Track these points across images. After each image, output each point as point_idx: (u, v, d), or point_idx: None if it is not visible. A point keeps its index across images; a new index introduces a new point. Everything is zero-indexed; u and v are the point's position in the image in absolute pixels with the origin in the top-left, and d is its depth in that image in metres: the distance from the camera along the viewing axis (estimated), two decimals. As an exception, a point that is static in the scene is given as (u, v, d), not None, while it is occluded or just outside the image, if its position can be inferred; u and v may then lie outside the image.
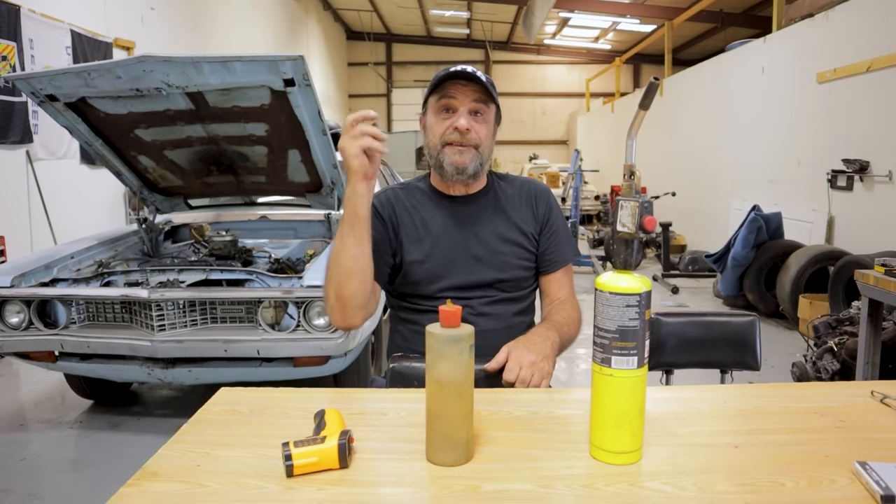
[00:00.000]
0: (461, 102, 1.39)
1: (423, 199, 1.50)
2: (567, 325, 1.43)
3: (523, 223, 1.50)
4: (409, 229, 1.47)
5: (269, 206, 3.98)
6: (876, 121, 4.80)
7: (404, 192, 1.52)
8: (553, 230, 1.52)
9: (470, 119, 1.39)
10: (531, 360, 1.23)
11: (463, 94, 1.39)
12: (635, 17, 12.79)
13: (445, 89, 1.40)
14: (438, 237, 1.46)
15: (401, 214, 1.48)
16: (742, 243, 5.00)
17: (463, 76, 1.38)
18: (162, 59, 2.44)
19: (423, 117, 1.48)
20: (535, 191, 1.55)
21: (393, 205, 1.49)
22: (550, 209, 1.54)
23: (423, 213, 1.48)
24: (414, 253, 1.45)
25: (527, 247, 1.49)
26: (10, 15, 4.65)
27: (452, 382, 0.89)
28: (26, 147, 4.88)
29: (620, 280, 0.89)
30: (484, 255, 1.45)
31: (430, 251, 1.45)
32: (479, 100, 1.40)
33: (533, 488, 0.83)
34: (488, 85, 1.40)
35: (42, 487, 2.49)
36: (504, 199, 1.52)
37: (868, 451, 0.90)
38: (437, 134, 1.41)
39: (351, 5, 16.53)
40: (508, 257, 1.47)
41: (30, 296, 2.67)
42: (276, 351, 2.59)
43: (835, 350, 3.20)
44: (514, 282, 1.48)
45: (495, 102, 1.44)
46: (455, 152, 1.40)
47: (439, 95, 1.40)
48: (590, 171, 10.13)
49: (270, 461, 0.89)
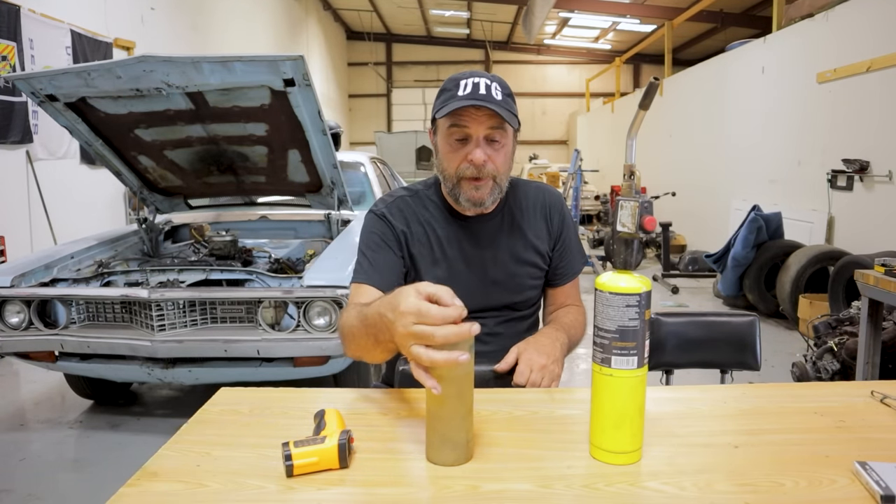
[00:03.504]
0: (475, 131, 1.26)
1: (436, 215, 1.41)
2: (574, 328, 1.42)
3: (538, 240, 1.44)
4: (424, 248, 1.39)
5: (269, 206, 3.98)
6: (876, 121, 4.80)
7: (415, 203, 1.43)
8: (565, 244, 1.48)
9: (486, 148, 1.27)
10: (542, 364, 1.22)
11: (476, 121, 1.25)
12: (635, 17, 12.79)
13: (457, 115, 1.26)
14: (455, 261, 1.39)
15: (415, 229, 1.40)
16: (742, 243, 5.00)
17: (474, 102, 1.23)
18: (162, 59, 2.44)
19: (432, 133, 1.38)
20: (549, 202, 1.47)
21: (407, 219, 1.40)
22: (563, 221, 1.48)
23: (438, 231, 1.40)
24: (429, 275, 1.37)
25: (540, 265, 1.45)
26: (10, 15, 4.65)
27: (452, 383, 0.89)
28: (26, 147, 4.89)
29: (620, 280, 0.89)
30: (501, 278, 1.40)
31: (447, 276, 1.37)
32: (494, 126, 1.26)
33: (533, 488, 0.83)
34: (503, 110, 1.24)
35: (42, 487, 2.49)
36: (519, 216, 1.44)
37: (868, 451, 0.90)
38: (451, 165, 1.31)
39: (351, 5, 16.53)
40: (523, 279, 1.43)
41: (30, 296, 2.67)
42: (276, 351, 2.59)
43: (835, 350, 3.20)
44: (527, 301, 1.46)
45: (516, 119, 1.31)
46: (472, 188, 1.30)
47: (450, 122, 1.27)
48: (590, 171, 10.13)
49: (270, 461, 0.89)
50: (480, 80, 1.26)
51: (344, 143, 9.92)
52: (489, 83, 1.26)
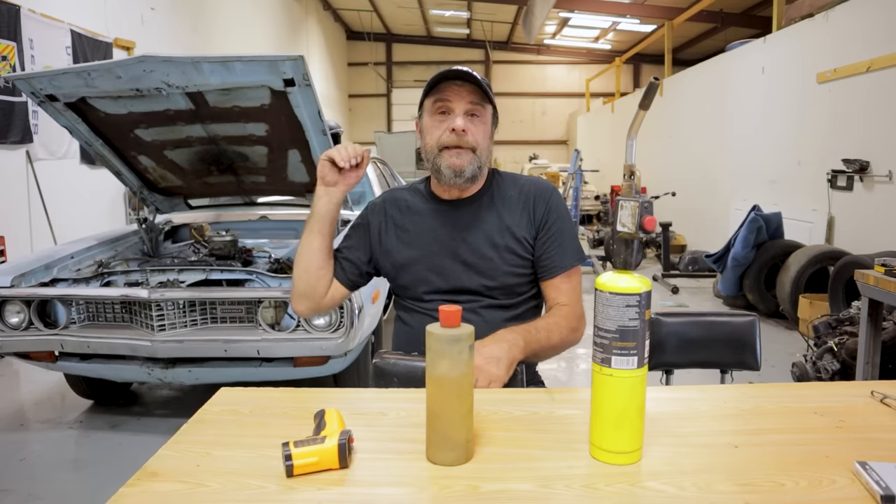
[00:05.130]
0: (457, 104, 1.38)
1: (418, 202, 1.51)
2: (546, 331, 1.34)
3: (516, 227, 1.44)
4: (401, 231, 1.49)
5: (269, 206, 3.98)
6: (876, 121, 4.80)
7: (406, 193, 1.54)
8: (551, 234, 1.44)
9: (466, 120, 1.38)
10: (475, 364, 1.20)
11: (458, 95, 1.38)
12: (635, 17, 12.79)
13: (440, 91, 1.38)
14: (428, 241, 1.46)
15: (393, 215, 1.51)
16: (742, 243, 5.00)
17: (458, 76, 1.37)
18: (162, 59, 2.44)
19: (418, 121, 1.48)
20: (535, 192, 1.47)
21: (386, 206, 1.53)
22: (550, 211, 1.45)
23: (417, 215, 1.49)
24: (403, 255, 1.47)
25: (519, 252, 1.43)
26: (10, 15, 4.65)
27: (452, 382, 0.89)
28: (26, 147, 4.89)
29: (620, 280, 0.89)
30: (472, 260, 1.42)
31: (419, 255, 1.45)
32: (474, 101, 1.39)
33: (533, 488, 0.83)
34: (484, 84, 1.38)
35: (42, 487, 2.49)
36: (499, 202, 1.47)
37: (868, 451, 0.90)
38: (433, 137, 1.40)
39: (351, 5, 16.53)
40: (497, 263, 1.42)
41: (30, 296, 2.67)
42: (276, 351, 2.59)
43: (835, 350, 3.20)
44: (504, 289, 1.43)
45: (492, 103, 1.43)
46: (452, 155, 1.38)
47: (434, 98, 1.40)
48: (590, 171, 10.12)
49: (270, 461, 0.89)
50: (462, 67, 1.39)
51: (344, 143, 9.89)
52: (470, 70, 1.38)
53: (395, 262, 1.47)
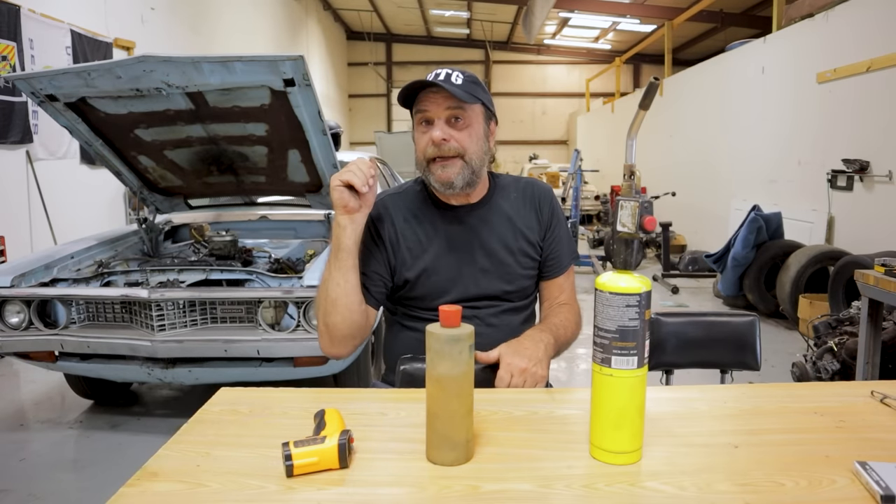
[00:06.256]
0: (435, 112, 1.32)
1: (424, 209, 1.44)
2: (563, 328, 1.39)
3: (528, 230, 1.45)
4: (412, 242, 1.41)
5: (269, 206, 3.98)
6: (876, 121, 4.80)
7: (403, 200, 1.46)
8: (556, 235, 1.47)
9: (446, 128, 1.32)
10: (522, 367, 1.20)
11: (435, 103, 1.32)
12: (635, 17, 12.79)
13: (419, 101, 1.34)
14: (443, 250, 1.41)
15: (401, 228, 1.42)
16: (742, 243, 5.00)
17: (430, 85, 1.30)
18: (162, 59, 2.44)
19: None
20: (538, 193, 1.49)
21: (392, 217, 1.43)
22: (553, 212, 1.48)
23: (426, 224, 1.42)
24: (417, 267, 1.40)
25: (531, 255, 1.45)
26: (10, 15, 4.65)
27: (452, 382, 0.89)
28: (26, 147, 4.88)
29: (620, 280, 0.89)
30: (490, 266, 1.41)
31: (435, 265, 1.40)
32: (452, 105, 1.32)
33: (533, 488, 0.83)
34: (456, 90, 1.29)
35: (42, 487, 2.49)
36: (508, 206, 1.46)
37: (868, 451, 0.90)
38: (420, 149, 1.37)
39: (351, 5, 16.53)
40: (514, 268, 1.43)
41: (30, 296, 2.67)
42: (276, 351, 2.59)
43: (835, 350, 3.20)
44: (520, 291, 1.45)
45: (479, 101, 1.35)
46: (438, 167, 1.34)
47: (416, 109, 1.35)
48: (590, 171, 10.12)
49: (270, 461, 0.89)
50: (443, 70, 1.33)
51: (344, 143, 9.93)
52: (450, 72, 1.32)
53: (409, 274, 1.41)
